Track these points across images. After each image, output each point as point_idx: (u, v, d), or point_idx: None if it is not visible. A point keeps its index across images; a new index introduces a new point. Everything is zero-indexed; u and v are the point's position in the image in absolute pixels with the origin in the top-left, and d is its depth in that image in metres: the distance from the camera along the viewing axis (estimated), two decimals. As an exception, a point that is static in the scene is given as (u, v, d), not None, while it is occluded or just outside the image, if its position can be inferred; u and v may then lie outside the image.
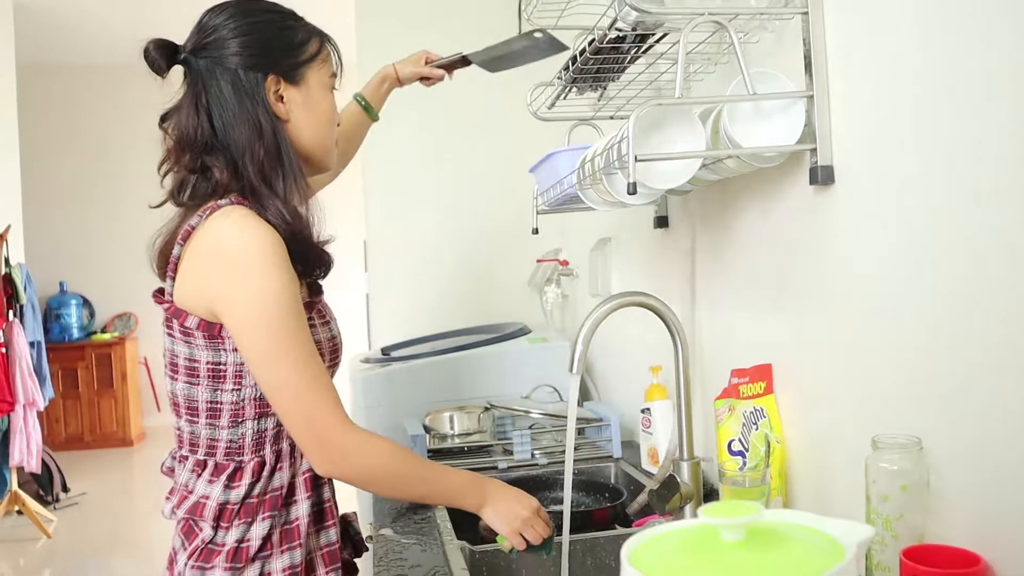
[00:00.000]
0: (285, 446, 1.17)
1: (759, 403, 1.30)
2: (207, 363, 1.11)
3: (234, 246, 1.06)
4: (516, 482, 1.41)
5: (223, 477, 1.13)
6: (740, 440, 1.29)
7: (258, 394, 1.12)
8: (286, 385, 1.08)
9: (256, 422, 1.14)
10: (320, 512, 1.21)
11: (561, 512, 1.23)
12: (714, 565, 0.55)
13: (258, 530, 1.12)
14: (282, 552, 1.14)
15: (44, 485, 5.05)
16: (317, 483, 1.21)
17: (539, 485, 1.71)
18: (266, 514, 1.13)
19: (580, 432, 1.91)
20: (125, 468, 6.27)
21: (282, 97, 1.17)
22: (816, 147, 1.14)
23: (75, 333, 6.81)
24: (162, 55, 1.16)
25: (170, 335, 1.14)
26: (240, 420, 1.13)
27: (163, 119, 1.20)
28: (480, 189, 1.99)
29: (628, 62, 1.43)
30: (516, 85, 1.72)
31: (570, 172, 1.46)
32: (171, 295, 1.13)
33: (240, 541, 1.12)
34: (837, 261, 1.15)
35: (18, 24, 5.51)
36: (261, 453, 1.15)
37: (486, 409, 1.95)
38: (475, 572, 1.29)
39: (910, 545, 0.92)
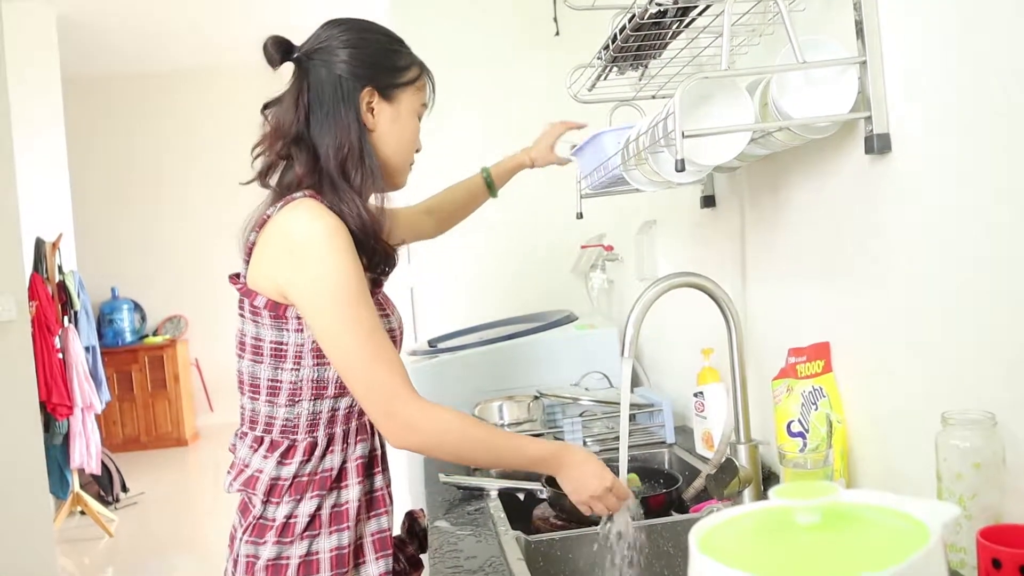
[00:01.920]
0: (338, 430, 1.23)
1: (818, 382, 1.26)
2: (271, 342, 1.19)
3: (303, 232, 1.14)
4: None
5: (276, 454, 1.20)
6: (800, 421, 1.25)
7: (316, 376, 1.20)
8: (351, 358, 1.14)
9: (312, 403, 1.21)
10: (372, 499, 1.26)
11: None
12: (790, 549, 0.52)
13: (306, 507, 1.18)
14: (330, 533, 1.20)
15: (104, 486, 5.16)
16: (370, 471, 1.27)
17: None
18: (314, 493, 1.19)
19: (632, 418, 1.88)
20: (181, 467, 6.38)
21: (373, 109, 1.26)
22: (871, 115, 1.10)
23: (128, 337, 6.94)
24: (277, 50, 1.24)
25: (241, 315, 1.22)
26: (297, 400, 1.20)
27: (265, 106, 1.29)
28: (522, 176, 1.97)
29: (670, 38, 1.39)
30: (558, 68, 1.69)
31: (615, 153, 1.43)
32: (244, 277, 1.22)
33: (289, 517, 1.18)
34: (895, 232, 1.11)
35: (63, 37, 5.61)
36: (314, 434, 1.21)
37: (535, 398, 1.94)
38: (531, 561, 1.27)
39: (986, 525, 0.88)
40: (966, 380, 0.99)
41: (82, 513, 4.77)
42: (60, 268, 4.78)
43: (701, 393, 1.67)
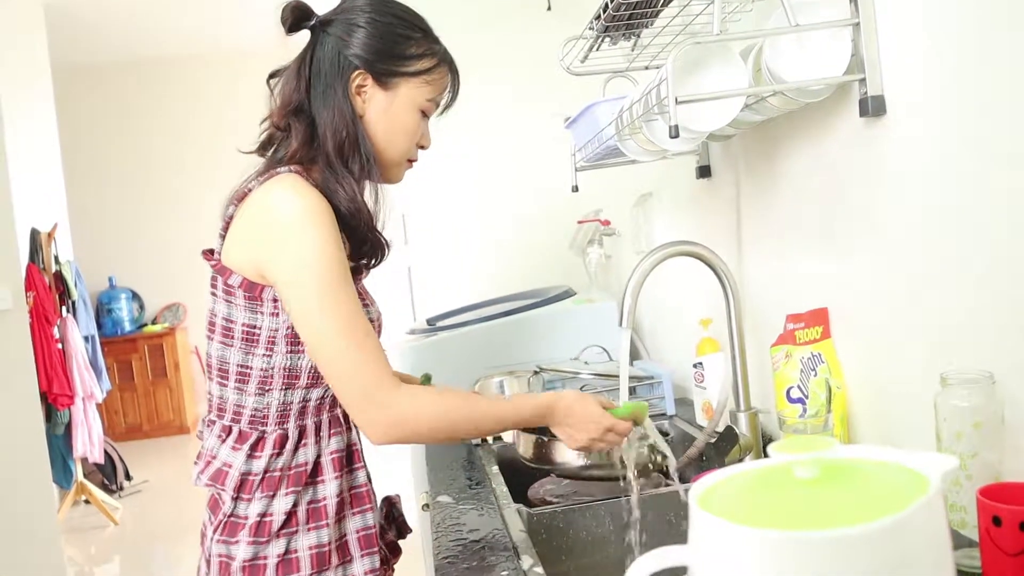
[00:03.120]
0: (310, 423, 1.17)
1: (817, 348, 1.26)
2: (243, 325, 1.13)
3: (284, 208, 1.09)
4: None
5: (246, 446, 1.14)
6: (799, 387, 1.25)
7: (288, 364, 1.13)
8: (330, 345, 1.08)
9: (283, 393, 1.14)
10: (355, 495, 1.21)
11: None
12: (788, 504, 0.52)
13: (280, 504, 1.13)
14: (308, 530, 1.14)
15: (108, 474, 5.18)
16: (349, 466, 1.21)
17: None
18: (289, 489, 1.13)
19: (632, 391, 1.88)
20: (183, 455, 6.39)
21: (364, 93, 1.20)
22: (865, 77, 1.09)
23: (127, 326, 6.94)
24: (293, 15, 1.19)
25: (213, 294, 1.16)
26: (267, 389, 1.14)
27: (272, 75, 1.24)
28: (516, 155, 1.96)
29: (661, 5, 1.38)
30: (550, 41, 1.68)
31: (608, 123, 1.42)
32: (218, 253, 1.15)
33: (262, 515, 1.12)
34: (891, 195, 1.10)
35: (52, 26, 5.57)
36: (284, 426, 1.15)
37: (535, 373, 1.93)
38: (533, 533, 1.28)
39: (986, 484, 0.88)
40: (964, 343, 0.99)
41: (86, 502, 4.79)
42: (56, 258, 4.77)
43: (700, 364, 1.67)
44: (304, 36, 1.22)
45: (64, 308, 4.75)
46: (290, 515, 1.13)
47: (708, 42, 1.12)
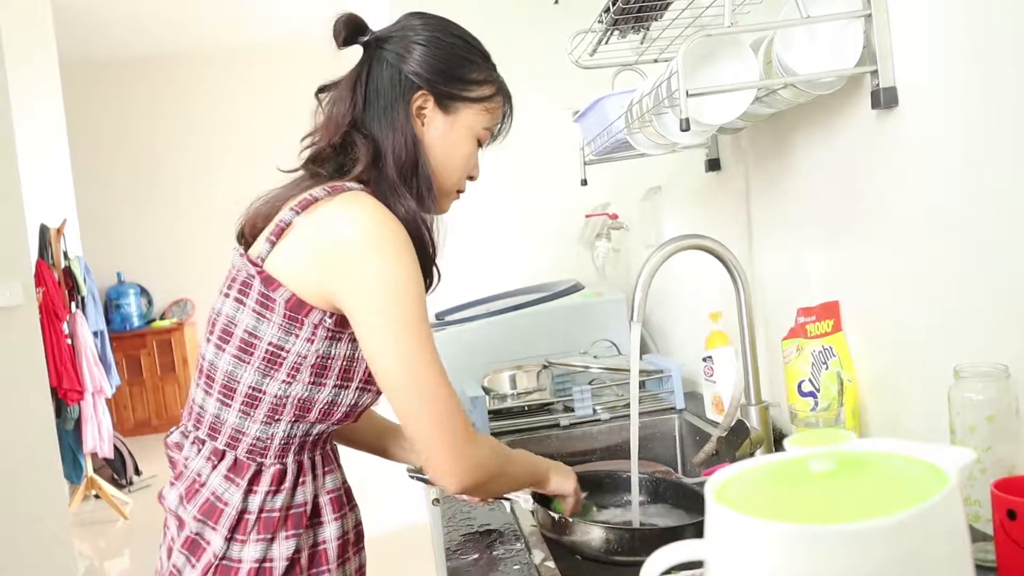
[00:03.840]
0: (306, 459, 1.08)
1: (828, 342, 1.25)
2: (269, 343, 1.01)
3: (369, 230, 0.99)
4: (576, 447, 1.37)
5: (243, 480, 1.04)
6: (810, 380, 1.25)
7: (305, 395, 1.03)
8: (416, 385, 1.00)
9: (290, 425, 1.05)
10: (357, 534, 1.17)
11: None
12: (805, 497, 0.52)
13: (282, 550, 1.04)
14: None
15: (117, 469, 5.21)
16: (349, 505, 1.15)
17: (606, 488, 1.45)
18: (290, 532, 1.05)
19: (641, 385, 1.88)
20: (193, 449, 6.42)
21: (424, 115, 1.14)
22: (877, 68, 1.08)
23: (135, 322, 6.96)
24: (347, 29, 1.13)
25: (237, 300, 1.04)
26: (276, 418, 1.04)
27: (321, 89, 1.18)
28: (524, 149, 1.96)
29: (671, -2, 1.37)
30: (559, 34, 1.67)
31: (618, 117, 1.42)
32: (262, 259, 1.03)
33: (262, 561, 1.03)
34: (904, 188, 1.10)
35: (60, 22, 5.58)
36: (284, 460, 1.06)
37: (544, 367, 1.94)
38: (544, 527, 1.27)
39: (1000, 477, 0.88)
40: (978, 335, 0.99)
41: (96, 497, 4.81)
42: (65, 254, 4.78)
43: (710, 357, 1.66)
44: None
45: (73, 304, 4.77)
46: (292, 562, 1.04)
47: (719, 34, 1.11)
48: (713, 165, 1.72)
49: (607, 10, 1.40)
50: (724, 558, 0.52)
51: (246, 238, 1.13)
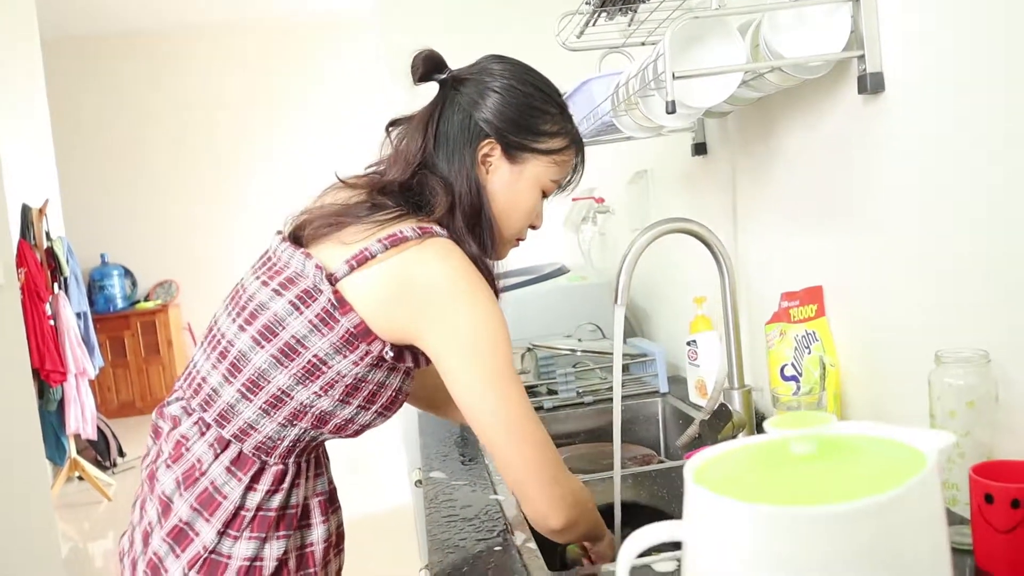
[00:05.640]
0: (303, 461, 1.09)
1: (811, 326, 1.26)
2: (314, 355, 1.01)
3: (461, 281, 1.01)
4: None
5: (246, 476, 1.03)
6: (793, 365, 1.26)
7: (329, 409, 1.04)
8: (510, 424, 1.01)
9: (304, 431, 1.05)
10: (339, 537, 1.17)
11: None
12: (785, 479, 0.52)
13: (272, 550, 1.04)
14: None
15: (101, 451, 5.19)
16: (333, 507, 1.15)
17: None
18: (282, 533, 1.05)
19: (625, 369, 1.89)
20: (178, 431, 6.40)
21: (489, 163, 1.13)
22: (864, 53, 1.08)
23: (119, 303, 6.91)
24: (425, 65, 1.13)
25: (292, 305, 1.02)
26: (293, 423, 1.04)
27: (392, 123, 1.18)
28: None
29: (659, -20, 1.36)
30: (543, 16, 1.66)
31: (604, 99, 1.41)
32: (336, 278, 1.02)
33: (252, 559, 1.02)
34: (889, 174, 1.10)
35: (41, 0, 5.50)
36: (286, 461, 1.06)
37: (529, 350, 1.94)
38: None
39: (978, 462, 0.88)
40: (959, 321, 0.99)
41: (80, 478, 4.79)
42: (48, 234, 4.74)
43: (694, 341, 1.67)
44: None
45: (56, 285, 4.73)
46: (282, 563, 1.04)
47: (706, 17, 1.11)
48: (699, 149, 1.72)
49: (595, -9, 1.39)
50: (702, 539, 0.52)
51: (295, 237, 1.10)
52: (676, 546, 0.61)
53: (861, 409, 1.24)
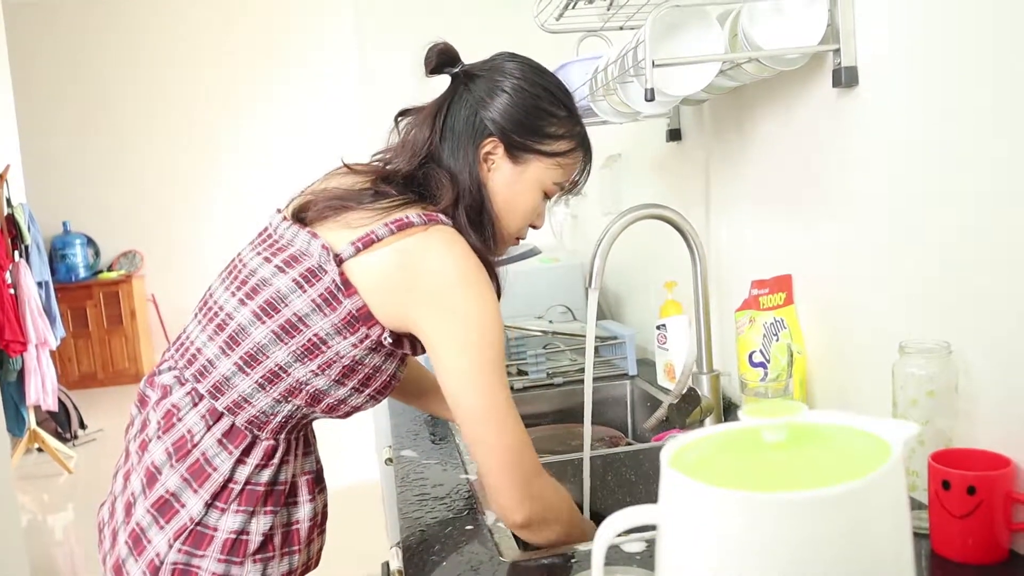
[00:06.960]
0: (293, 438, 1.10)
1: (779, 314, 1.28)
2: (315, 333, 1.01)
3: (463, 271, 1.01)
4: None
5: (237, 449, 1.04)
6: (761, 351, 1.28)
7: (324, 387, 1.04)
8: (493, 413, 1.01)
9: (296, 408, 1.06)
10: (323, 516, 1.18)
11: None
12: (756, 465, 0.54)
13: (259, 525, 1.05)
14: (282, 556, 1.08)
15: (62, 423, 5.12)
16: (320, 487, 1.16)
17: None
18: (269, 508, 1.06)
19: (595, 351, 1.90)
20: (140, 404, 6.34)
21: (491, 161, 1.12)
22: (839, 47, 1.10)
23: (81, 272, 6.81)
24: (439, 58, 1.13)
25: (296, 283, 1.02)
26: (287, 399, 1.04)
27: (402, 113, 1.17)
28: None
29: (640, -35, 1.37)
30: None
31: (581, 84, 1.42)
32: (341, 259, 1.02)
33: (239, 533, 1.03)
34: (860, 166, 1.12)
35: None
36: (277, 437, 1.06)
37: (500, 331, 1.94)
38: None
39: (938, 450, 0.91)
40: (924, 312, 1.02)
41: (39, 450, 4.74)
42: (8, 201, 4.65)
43: (664, 325, 1.69)
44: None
45: (16, 253, 4.64)
46: (267, 538, 1.05)
47: (687, 6, 1.12)
48: (674, 135, 1.74)
49: (575, -26, 1.39)
50: (676, 523, 0.53)
51: (298, 216, 1.09)
52: (645, 528, 0.62)
53: (826, 396, 1.27)
